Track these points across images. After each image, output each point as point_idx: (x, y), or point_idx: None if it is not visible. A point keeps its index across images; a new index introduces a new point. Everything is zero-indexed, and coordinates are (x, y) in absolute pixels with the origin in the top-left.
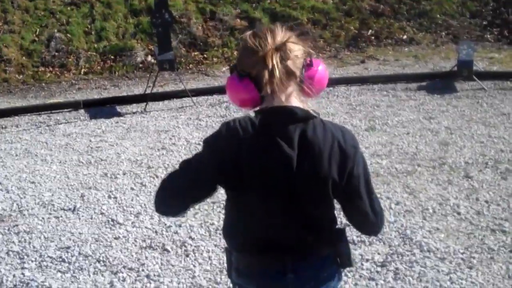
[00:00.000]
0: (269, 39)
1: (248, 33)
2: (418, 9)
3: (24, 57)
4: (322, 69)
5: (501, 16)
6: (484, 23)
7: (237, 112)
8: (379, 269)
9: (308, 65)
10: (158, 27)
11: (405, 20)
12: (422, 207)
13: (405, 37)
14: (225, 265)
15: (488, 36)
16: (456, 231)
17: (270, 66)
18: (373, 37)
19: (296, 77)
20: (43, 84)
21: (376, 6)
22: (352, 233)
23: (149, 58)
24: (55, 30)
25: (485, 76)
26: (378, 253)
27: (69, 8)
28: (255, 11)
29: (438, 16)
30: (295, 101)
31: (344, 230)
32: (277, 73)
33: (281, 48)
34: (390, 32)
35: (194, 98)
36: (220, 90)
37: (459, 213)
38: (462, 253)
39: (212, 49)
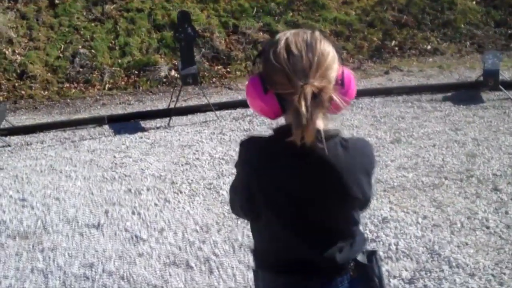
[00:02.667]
0: (305, 62)
1: (281, 43)
2: (442, 19)
3: (49, 73)
4: (353, 86)
5: None
6: (509, 32)
7: (260, 126)
8: (407, 286)
9: (339, 85)
10: (181, 42)
11: (428, 30)
12: (450, 221)
13: (429, 47)
14: (250, 282)
15: None
16: (485, 245)
17: (302, 110)
18: (396, 48)
19: (326, 103)
20: (68, 100)
21: (399, 17)
22: (378, 249)
23: (173, 72)
24: (80, 46)
25: (511, 85)
26: (406, 270)
27: (93, 24)
28: (277, 24)
29: (462, 25)
30: (319, 119)
31: (376, 252)
32: (308, 115)
33: (318, 93)
34: (413, 42)
35: (218, 112)
36: (243, 104)
37: (488, 227)
38: (493, 269)
39: (235, 62)
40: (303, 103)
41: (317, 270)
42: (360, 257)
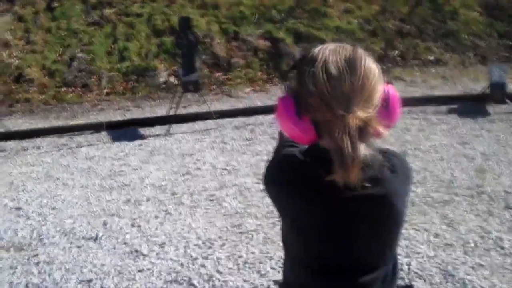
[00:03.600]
0: (347, 87)
1: (320, 63)
2: (444, 29)
3: (46, 77)
4: (398, 108)
5: None
6: None
7: (263, 135)
8: None
9: (384, 107)
10: (182, 48)
11: (431, 41)
12: (463, 240)
13: (432, 57)
14: None
15: None
16: (501, 267)
17: (347, 149)
18: (399, 58)
19: (371, 136)
20: (65, 104)
21: (401, 26)
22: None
23: (172, 78)
24: (78, 50)
25: None
26: None
27: (92, 28)
28: (279, 31)
29: (465, 36)
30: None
31: (413, 287)
32: (353, 154)
33: (364, 127)
34: (416, 52)
35: (219, 120)
36: (244, 112)
37: (502, 248)
38: None
39: (235, 69)
40: (347, 140)
41: None
42: None
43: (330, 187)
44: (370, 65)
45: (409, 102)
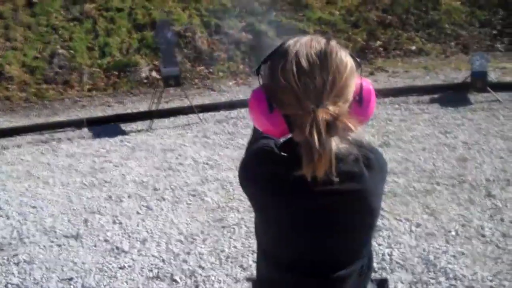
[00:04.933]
0: (318, 82)
1: (290, 57)
2: (426, 19)
3: (26, 74)
4: (372, 103)
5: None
6: (494, 32)
7: (245, 129)
8: None
9: (357, 101)
10: (162, 44)
11: (413, 31)
12: (444, 229)
13: (414, 48)
14: None
15: (499, 45)
16: (482, 255)
17: (315, 143)
18: (381, 49)
19: (340, 132)
20: (46, 101)
21: (384, 17)
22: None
23: (154, 73)
24: (58, 46)
25: (499, 87)
26: (401, 282)
27: (72, 24)
28: (261, 24)
29: (447, 26)
30: (334, 138)
31: (387, 281)
32: (320, 148)
33: (333, 122)
34: (398, 43)
35: (201, 115)
36: (227, 106)
37: (484, 236)
38: (491, 281)
39: (217, 63)
40: (315, 134)
41: None
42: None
43: (304, 182)
44: (343, 59)
45: (391, 92)
